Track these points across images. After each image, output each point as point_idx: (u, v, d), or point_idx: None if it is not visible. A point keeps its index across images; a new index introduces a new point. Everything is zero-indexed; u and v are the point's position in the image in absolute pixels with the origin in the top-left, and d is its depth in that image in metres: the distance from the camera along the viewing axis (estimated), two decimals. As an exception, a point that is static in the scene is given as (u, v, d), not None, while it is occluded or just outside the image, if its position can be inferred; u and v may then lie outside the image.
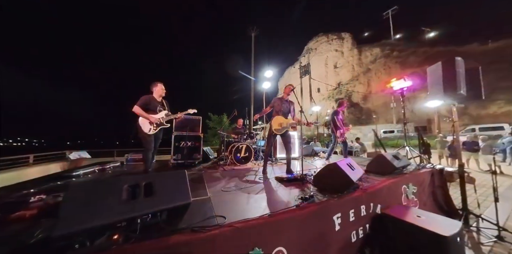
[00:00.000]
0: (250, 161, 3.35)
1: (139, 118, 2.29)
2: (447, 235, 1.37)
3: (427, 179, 2.75)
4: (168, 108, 2.55)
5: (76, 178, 2.72)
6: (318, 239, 1.35)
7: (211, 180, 2.34)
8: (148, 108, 2.32)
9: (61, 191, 1.71)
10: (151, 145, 2.34)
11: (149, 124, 2.30)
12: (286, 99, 2.73)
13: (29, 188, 2.11)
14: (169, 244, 0.96)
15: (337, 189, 1.67)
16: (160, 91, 2.44)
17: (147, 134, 2.28)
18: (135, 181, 1.14)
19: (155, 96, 2.43)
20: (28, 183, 2.63)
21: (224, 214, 1.26)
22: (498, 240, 2.21)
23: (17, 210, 1.41)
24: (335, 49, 37.55)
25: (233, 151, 3.20)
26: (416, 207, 2.39)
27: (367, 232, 1.67)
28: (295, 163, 3.68)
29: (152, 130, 2.31)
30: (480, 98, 2.74)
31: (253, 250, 1.07)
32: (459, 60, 2.58)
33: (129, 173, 2.87)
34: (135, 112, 2.27)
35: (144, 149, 2.34)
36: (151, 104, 2.34)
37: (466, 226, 2.52)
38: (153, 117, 2.30)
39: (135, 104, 2.28)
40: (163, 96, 2.51)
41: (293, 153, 4.04)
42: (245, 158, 3.29)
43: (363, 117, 29.21)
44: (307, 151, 4.93)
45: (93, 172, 3.01)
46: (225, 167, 3.10)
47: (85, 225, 0.93)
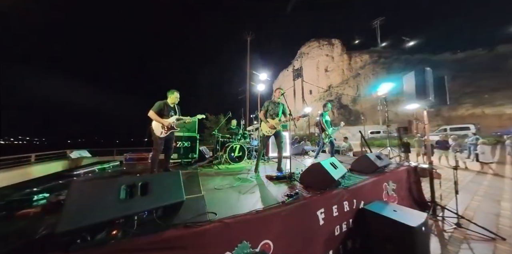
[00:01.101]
0: (243, 159, 3.40)
1: (153, 122, 2.40)
2: (414, 225, 1.47)
3: (405, 176, 2.88)
4: (179, 114, 2.68)
5: (77, 177, 2.72)
6: (303, 232, 1.41)
7: (205, 178, 2.38)
8: (161, 114, 2.43)
9: (63, 190, 1.72)
10: (160, 147, 2.44)
11: (161, 128, 2.41)
12: (278, 102, 2.79)
13: (32, 186, 2.11)
14: (163, 238, 1.00)
15: (321, 186, 1.73)
16: (174, 99, 2.57)
17: (158, 137, 2.39)
18: (132, 181, 1.17)
19: (168, 102, 2.55)
20: (32, 182, 2.61)
21: (215, 210, 1.31)
22: (457, 227, 2.39)
23: (22, 208, 1.43)
24: (326, 54, 38.10)
25: (228, 151, 3.24)
26: (395, 202, 2.50)
27: (351, 226, 1.74)
28: (287, 161, 3.75)
29: (163, 133, 2.41)
30: (445, 104, 2.93)
31: (241, 243, 1.12)
32: (428, 71, 2.75)
33: (127, 173, 2.87)
34: (150, 117, 2.39)
35: (153, 150, 2.44)
36: (164, 109, 2.45)
37: (433, 216, 2.68)
38: (166, 122, 2.40)
39: (151, 109, 2.40)
40: (176, 103, 2.64)
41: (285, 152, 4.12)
42: (239, 157, 3.34)
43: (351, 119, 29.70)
44: (298, 150, 5.01)
45: (93, 171, 3.00)
46: (220, 165, 3.14)
47: (85, 223, 0.96)
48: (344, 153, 5.60)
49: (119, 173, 2.90)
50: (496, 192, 4.01)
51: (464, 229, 2.32)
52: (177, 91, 2.59)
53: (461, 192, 3.98)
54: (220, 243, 1.08)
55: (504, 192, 4.03)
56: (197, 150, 3.55)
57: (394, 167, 2.95)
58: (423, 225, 1.54)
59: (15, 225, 1.21)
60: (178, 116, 2.57)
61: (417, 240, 1.47)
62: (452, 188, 3.73)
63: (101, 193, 1.08)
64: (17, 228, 1.17)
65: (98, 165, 3.23)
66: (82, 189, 1.07)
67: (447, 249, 1.97)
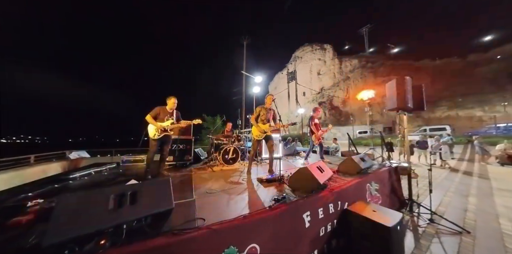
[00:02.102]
0: (237, 161, 3.39)
1: (149, 124, 2.52)
2: (389, 225, 1.51)
3: (387, 176, 2.93)
4: (177, 118, 2.72)
5: (73, 180, 2.63)
6: (289, 235, 1.41)
7: (199, 181, 2.35)
8: (157, 117, 2.54)
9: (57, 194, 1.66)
10: (154, 148, 2.53)
11: (155, 131, 2.49)
12: (269, 108, 2.80)
13: (26, 191, 2.03)
14: (151, 246, 0.98)
15: (307, 190, 1.74)
16: (171, 105, 2.65)
17: (152, 138, 2.50)
18: (121, 191, 1.14)
19: (166, 108, 2.64)
20: (26, 186, 2.51)
21: (205, 216, 1.30)
22: (430, 222, 2.48)
23: (14, 215, 1.37)
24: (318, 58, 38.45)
25: (222, 153, 3.22)
26: (379, 201, 2.54)
27: (335, 226, 1.75)
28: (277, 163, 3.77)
29: (156, 135, 2.50)
30: (422, 110, 3.04)
31: (228, 248, 1.12)
32: (408, 79, 2.83)
33: (123, 175, 2.80)
34: (147, 120, 2.51)
35: (148, 150, 2.54)
36: (160, 114, 2.56)
37: (410, 212, 2.77)
38: (158, 124, 2.49)
39: (148, 113, 2.53)
40: (174, 108, 2.70)
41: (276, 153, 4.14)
42: (233, 159, 3.33)
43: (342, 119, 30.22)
44: (290, 150, 5.04)
45: (89, 174, 2.91)
46: (214, 167, 3.11)
47: (72, 235, 0.93)
48: (333, 153, 5.69)
49: (115, 175, 2.82)
50: (465, 188, 4.21)
51: (436, 224, 2.43)
52: (175, 97, 2.65)
53: (436, 189, 4.17)
54: (207, 248, 1.07)
55: (472, 188, 4.23)
56: (192, 152, 3.51)
57: (377, 167, 3.00)
58: (398, 225, 1.58)
59: (7, 233, 1.16)
60: (173, 121, 2.61)
61: (392, 238, 1.51)
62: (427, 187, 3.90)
63: (89, 204, 1.04)
64: (9, 236, 1.12)
65: (94, 168, 3.15)
66: (69, 202, 1.03)
67: (420, 243, 2.05)
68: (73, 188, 2.33)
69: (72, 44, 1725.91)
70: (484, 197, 3.64)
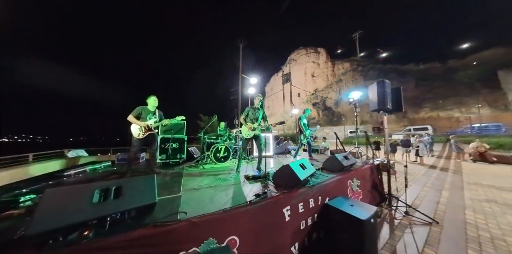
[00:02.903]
0: (228, 159, 3.41)
1: (132, 124, 2.47)
2: (363, 219, 1.57)
3: (368, 173, 3.00)
4: (161, 117, 2.67)
5: (67, 177, 2.59)
6: (269, 228, 1.43)
7: (189, 178, 2.35)
8: (140, 117, 2.50)
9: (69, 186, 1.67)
10: (136, 147, 2.47)
11: (139, 130, 2.45)
12: (257, 107, 2.83)
13: (21, 188, 2.00)
14: (133, 237, 0.99)
15: (289, 186, 1.78)
16: (153, 103, 2.60)
17: (136, 138, 2.45)
18: (106, 186, 1.16)
19: (148, 107, 2.59)
20: (22, 182, 2.46)
21: (188, 210, 1.32)
22: (405, 215, 2.59)
23: (7, 209, 1.37)
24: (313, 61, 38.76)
25: (213, 151, 3.24)
26: (360, 196, 2.60)
27: (315, 220, 1.78)
28: (270, 160, 3.83)
29: (141, 135, 2.45)
30: (401, 111, 3.13)
31: (207, 239, 1.14)
32: (387, 82, 2.91)
33: (117, 173, 2.78)
34: (129, 120, 2.47)
35: (130, 150, 2.48)
36: (142, 113, 2.51)
37: (389, 206, 2.86)
38: (141, 123, 2.45)
39: (130, 114, 2.47)
40: (156, 106, 2.64)
41: (267, 151, 4.18)
42: (224, 157, 3.35)
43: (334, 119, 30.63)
44: (281, 149, 5.10)
45: (84, 171, 2.87)
46: (205, 165, 3.13)
47: (56, 225, 0.96)
48: (322, 152, 5.79)
49: (109, 173, 2.80)
50: (440, 183, 4.38)
51: (411, 216, 2.53)
52: (155, 95, 2.61)
53: (414, 184, 4.33)
54: (187, 240, 1.09)
55: (446, 183, 4.41)
56: (185, 150, 3.51)
57: (359, 165, 3.06)
58: (371, 218, 1.64)
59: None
60: (156, 119, 2.59)
61: (366, 230, 1.57)
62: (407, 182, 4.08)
63: (73, 198, 1.06)
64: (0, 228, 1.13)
65: (89, 166, 3.11)
66: (55, 195, 1.05)
67: (394, 234, 2.14)
68: (66, 184, 2.30)
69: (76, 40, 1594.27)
70: (455, 190, 3.81)
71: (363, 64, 32.88)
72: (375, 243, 1.80)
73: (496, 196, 3.46)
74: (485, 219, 2.52)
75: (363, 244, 1.58)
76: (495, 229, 2.26)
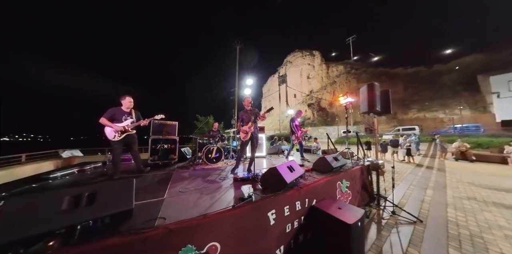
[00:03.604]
0: (220, 160, 3.32)
1: (105, 127, 2.26)
2: (350, 223, 1.51)
3: (358, 174, 2.93)
4: (137, 117, 2.48)
5: (53, 180, 2.44)
6: (252, 232, 1.35)
7: (177, 180, 2.25)
8: (114, 118, 2.30)
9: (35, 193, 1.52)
10: (117, 150, 2.30)
11: (114, 132, 2.27)
12: (249, 109, 2.75)
13: (2, 191, 1.84)
14: (104, 246, 0.90)
15: (276, 189, 1.70)
16: (128, 104, 2.40)
17: (112, 141, 2.27)
18: (78, 192, 1.06)
19: (122, 108, 2.39)
20: (5, 185, 2.29)
21: (169, 215, 1.23)
22: (392, 214, 2.56)
23: None
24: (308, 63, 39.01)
25: (205, 152, 3.15)
26: (349, 198, 2.54)
27: (302, 222, 1.71)
28: (263, 161, 3.76)
29: (117, 137, 2.27)
30: (389, 113, 3.11)
31: (185, 246, 1.06)
32: (376, 85, 2.89)
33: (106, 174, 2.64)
34: (101, 123, 2.24)
35: (112, 153, 2.31)
36: (116, 114, 2.32)
37: (377, 206, 2.83)
38: (116, 126, 2.27)
39: (102, 116, 2.24)
40: (131, 107, 2.44)
41: (261, 152, 4.12)
42: (216, 158, 3.26)
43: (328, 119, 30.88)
44: (275, 149, 5.04)
45: (72, 173, 2.72)
46: (197, 166, 3.02)
47: (17, 236, 0.85)
48: (315, 152, 5.77)
49: (98, 174, 2.66)
50: (425, 182, 4.42)
51: (397, 216, 2.51)
52: (130, 96, 2.41)
53: (402, 182, 4.35)
54: (163, 248, 1.01)
55: (430, 181, 4.46)
56: (177, 151, 3.40)
57: (350, 166, 3.01)
58: (359, 221, 1.59)
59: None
60: (133, 120, 2.42)
61: (352, 235, 1.52)
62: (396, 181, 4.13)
63: (38, 206, 0.95)
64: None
65: (78, 167, 2.95)
66: (17, 204, 0.94)
67: (381, 234, 2.10)
68: (51, 187, 2.16)
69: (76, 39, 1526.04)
70: (439, 189, 3.85)
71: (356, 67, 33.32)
72: (362, 246, 1.76)
73: (475, 193, 3.52)
74: (465, 217, 2.54)
75: (349, 247, 1.53)
76: (474, 227, 2.27)
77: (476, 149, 8.03)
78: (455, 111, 19.07)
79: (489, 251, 1.81)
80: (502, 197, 3.33)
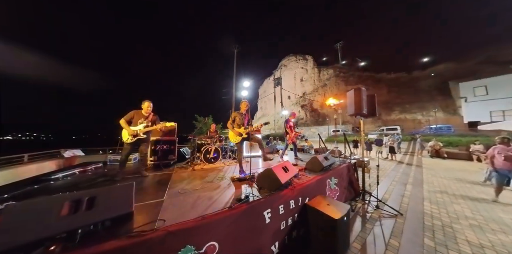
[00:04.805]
0: (218, 160, 3.29)
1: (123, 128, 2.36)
2: (336, 218, 1.55)
3: (345, 172, 2.99)
4: (154, 122, 2.52)
5: (55, 181, 2.33)
6: (249, 231, 1.35)
7: (176, 180, 2.21)
8: (131, 121, 2.39)
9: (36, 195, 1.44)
10: (127, 151, 2.37)
11: (128, 135, 2.34)
12: (244, 113, 2.72)
13: (3, 192, 1.74)
14: (104, 250, 0.87)
15: (271, 188, 1.71)
16: (146, 109, 2.45)
17: (125, 142, 2.35)
18: (78, 197, 1.01)
19: (142, 112, 2.45)
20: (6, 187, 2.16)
21: (168, 216, 1.21)
22: (376, 208, 2.63)
23: None
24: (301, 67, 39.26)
25: (203, 152, 3.10)
26: (337, 193, 2.59)
27: (295, 219, 1.72)
28: (259, 160, 3.75)
29: (129, 139, 2.34)
30: (374, 115, 3.18)
31: (184, 247, 1.05)
32: (363, 90, 2.93)
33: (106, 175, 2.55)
34: (120, 124, 2.33)
35: (121, 152, 2.41)
36: (134, 118, 2.39)
37: (363, 200, 2.89)
38: (130, 129, 2.33)
39: (122, 118, 2.35)
40: (149, 112, 2.50)
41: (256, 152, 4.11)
42: (214, 158, 3.22)
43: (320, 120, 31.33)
44: (270, 149, 5.05)
45: (73, 174, 2.62)
46: (196, 166, 2.97)
47: (17, 243, 0.81)
48: (308, 151, 5.83)
49: (99, 176, 2.56)
50: (405, 177, 4.58)
51: (381, 210, 2.58)
52: (149, 101, 2.45)
53: (385, 178, 4.48)
54: (163, 249, 0.99)
55: (410, 177, 4.62)
56: (176, 152, 3.34)
57: (338, 164, 3.07)
58: (345, 216, 1.63)
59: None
60: (146, 124, 2.45)
61: (339, 228, 1.56)
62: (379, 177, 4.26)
63: (38, 212, 0.91)
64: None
65: (80, 167, 2.84)
66: (17, 210, 0.89)
67: (366, 227, 2.16)
68: (53, 189, 2.06)
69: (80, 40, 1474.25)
70: (417, 184, 4.00)
71: (345, 71, 33.97)
72: (348, 238, 1.81)
73: (447, 187, 3.70)
74: (438, 209, 2.66)
75: (336, 240, 1.57)
76: (445, 218, 2.39)
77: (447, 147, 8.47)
78: (430, 113, 20.07)
79: (457, 239, 1.92)
80: (468, 190, 3.57)
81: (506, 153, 2.84)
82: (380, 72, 30.00)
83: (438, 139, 8.60)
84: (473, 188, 3.64)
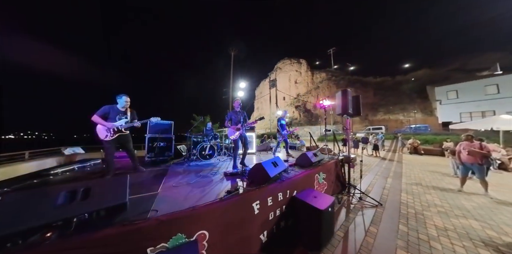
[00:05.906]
0: (213, 157, 3.30)
1: (97, 125, 1.98)
2: (322, 209, 1.60)
3: (333, 167, 3.05)
4: (132, 117, 2.22)
5: (54, 176, 2.28)
6: (239, 221, 1.37)
7: (171, 175, 2.20)
8: (107, 117, 2.01)
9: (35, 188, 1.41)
10: (109, 150, 2.01)
11: (106, 132, 1.98)
12: (238, 111, 2.74)
13: (4, 186, 1.69)
14: (99, 237, 0.88)
15: (260, 182, 1.74)
16: (124, 103, 2.12)
17: (104, 140, 1.98)
18: (73, 188, 1.02)
19: (118, 107, 2.11)
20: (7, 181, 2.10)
21: (161, 208, 1.22)
22: (359, 200, 2.73)
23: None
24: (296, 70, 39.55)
25: (199, 149, 3.10)
26: (325, 187, 2.63)
27: (284, 210, 1.75)
28: (253, 157, 3.79)
29: (109, 137, 1.98)
30: (359, 115, 3.28)
31: (176, 235, 1.06)
32: (349, 91, 3.02)
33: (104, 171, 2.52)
34: (93, 121, 1.95)
35: (105, 152, 2.03)
36: (110, 113, 2.03)
37: (348, 193, 2.97)
38: (109, 124, 1.98)
39: (95, 114, 1.96)
40: (127, 107, 2.18)
41: (250, 148, 4.14)
42: (209, 154, 3.23)
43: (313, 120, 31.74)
44: (264, 146, 5.09)
45: (72, 169, 2.56)
46: (191, 162, 2.97)
47: (15, 229, 0.82)
48: (300, 149, 5.92)
49: (96, 171, 2.53)
50: (387, 172, 4.75)
51: (363, 201, 2.68)
52: (126, 95, 2.12)
53: (369, 173, 4.63)
54: (155, 237, 1.00)
55: (391, 171, 4.80)
56: (173, 149, 3.32)
57: (327, 160, 3.12)
58: (329, 207, 1.68)
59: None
60: (127, 120, 2.13)
61: (324, 218, 1.61)
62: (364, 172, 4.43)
63: (35, 201, 0.91)
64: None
65: (79, 163, 2.78)
66: (14, 199, 0.89)
67: (349, 216, 2.23)
68: (52, 183, 2.02)
69: None
70: (396, 177, 4.17)
71: (336, 75, 34.63)
72: (332, 227, 1.87)
73: (421, 180, 3.91)
74: (412, 199, 2.81)
75: (321, 228, 1.62)
76: (418, 206, 2.54)
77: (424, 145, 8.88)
78: (411, 114, 21.17)
79: (426, 224, 2.06)
80: (438, 181, 3.82)
81: (469, 148, 3.02)
82: (368, 76, 31.06)
83: (416, 137, 9.08)
84: (443, 180, 3.88)
